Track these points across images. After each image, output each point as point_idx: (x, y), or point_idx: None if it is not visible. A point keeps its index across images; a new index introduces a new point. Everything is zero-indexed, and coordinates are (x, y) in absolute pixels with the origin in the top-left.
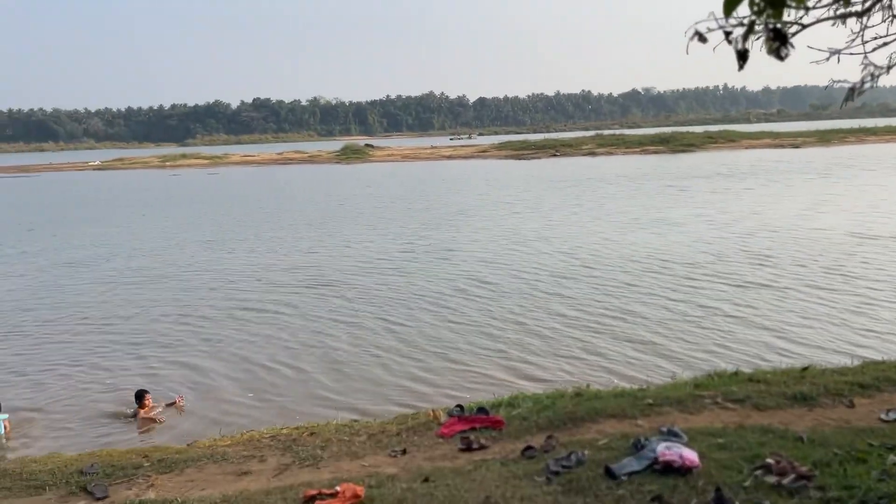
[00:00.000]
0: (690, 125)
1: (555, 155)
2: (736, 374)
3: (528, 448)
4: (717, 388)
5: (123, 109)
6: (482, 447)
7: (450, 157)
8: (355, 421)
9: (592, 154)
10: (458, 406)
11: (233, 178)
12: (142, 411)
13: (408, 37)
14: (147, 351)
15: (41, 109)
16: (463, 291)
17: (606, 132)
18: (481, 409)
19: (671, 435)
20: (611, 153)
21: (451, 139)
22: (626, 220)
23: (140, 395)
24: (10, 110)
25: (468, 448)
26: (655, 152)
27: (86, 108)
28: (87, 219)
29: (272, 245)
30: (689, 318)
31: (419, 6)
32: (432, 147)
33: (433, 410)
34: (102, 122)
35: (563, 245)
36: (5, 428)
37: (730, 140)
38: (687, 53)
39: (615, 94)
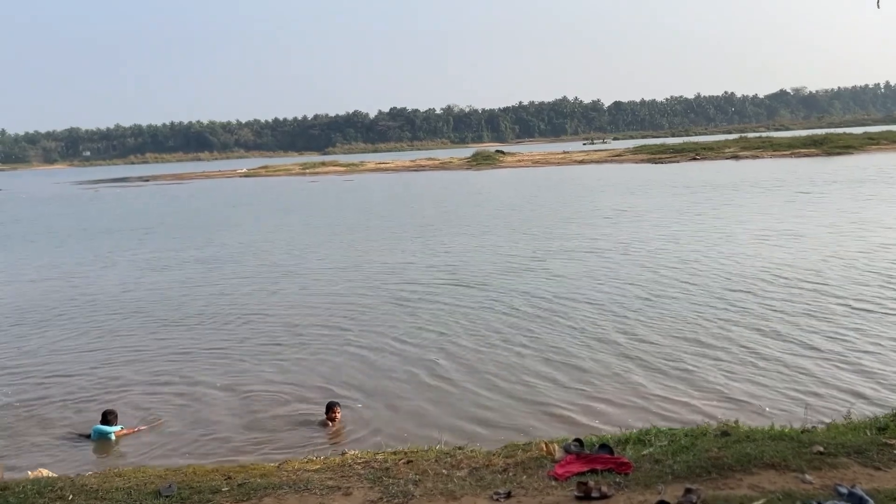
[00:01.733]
0: (847, 127)
1: (695, 158)
2: None
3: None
4: None
5: (270, 121)
6: (603, 496)
7: (581, 162)
8: (459, 449)
9: (736, 157)
10: (577, 440)
11: (366, 184)
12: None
13: (540, 42)
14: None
15: (198, 122)
16: (580, 303)
17: (751, 135)
18: (604, 447)
19: (853, 499)
20: (756, 156)
21: (584, 144)
22: (755, 231)
23: (330, 407)
24: (172, 123)
25: (586, 496)
26: (807, 155)
27: (237, 120)
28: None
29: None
30: (847, 340)
31: (551, 11)
32: (564, 152)
33: (546, 444)
34: (252, 133)
35: (706, 260)
36: (116, 437)
37: (894, 141)
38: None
39: (761, 96)
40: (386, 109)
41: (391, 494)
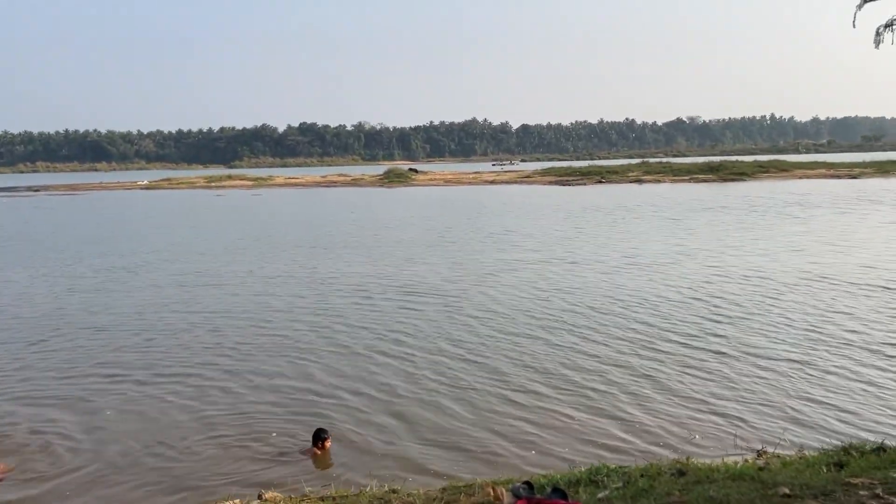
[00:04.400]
0: (738, 155)
1: (601, 181)
2: (882, 450)
3: None
4: (871, 474)
5: (174, 132)
6: None
7: (493, 182)
8: (393, 492)
9: (639, 181)
10: (526, 483)
11: (272, 199)
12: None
13: (450, 64)
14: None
15: (96, 131)
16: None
17: (652, 160)
18: (556, 490)
19: None
20: (658, 181)
21: (493, 165)
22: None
23: (319, 435)
24: (67, 131)
25: None
26: (705, 181)
27: (138, 130)
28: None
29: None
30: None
31: (462, 35)
32: (475, 172)
33: (493, 487)
34: (154, 144)
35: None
36: None
37: (782, 170)
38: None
39: (659, 123)
40: (295, 124)
41: None
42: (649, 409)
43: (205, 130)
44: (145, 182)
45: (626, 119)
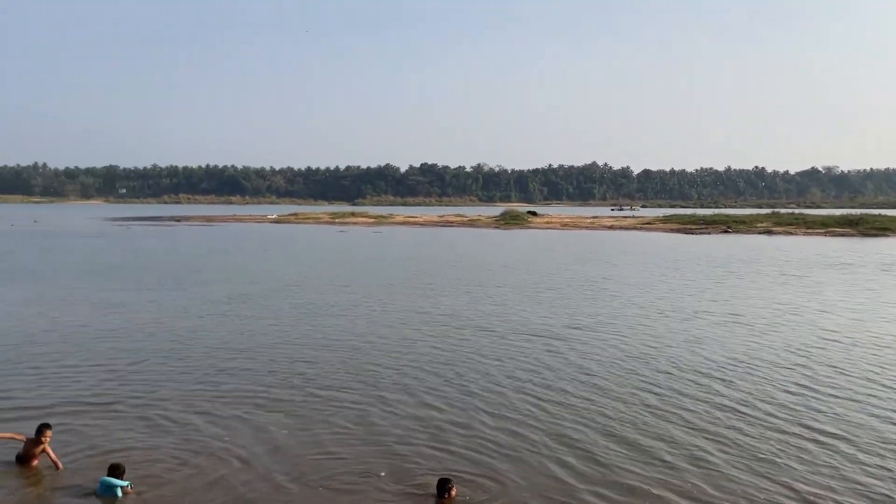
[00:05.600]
0: (880, 208)
1: (726, 231)
2: None
3: None
4: None
5: (303, 169)
6: None
7: (611, 228)
8: None
9: (769, 233)
10: None
11: (393, 238)
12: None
13: (572, 108)
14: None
15: (233, 166)
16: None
17: (784, 210)
18: None
19: None
20: (789, 233)
21: (612, 209)
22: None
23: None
24: (207, 166)
25: None
26: (842, 235)
27: (271, 167)
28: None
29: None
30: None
31: (583, 78)
32: (593, 217)
33: None
34: (284, 180)
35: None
36: (124, 492)
37: None
38: None
39: (792, 172)
40: (417, 164)
41: None
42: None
43: (332, 168)
44: (274, 216)
45: (756, 167)
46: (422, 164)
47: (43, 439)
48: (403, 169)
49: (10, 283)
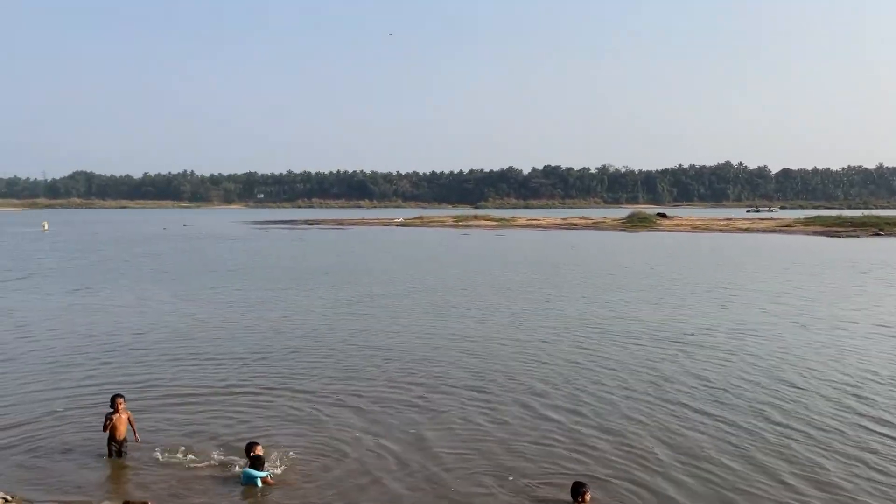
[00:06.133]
0: None
1: (878, 234)
2: None
3: None
4: None
5: (428, 173)
6: None
7: (747, 230)
8: None
9: None
10: None
11: (518, 239)
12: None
13: (703, 104)
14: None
15: (362, 171)
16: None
17: None
18: None
19: None
20: None
21: (748, 211)
22: None
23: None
24: (338, 171)
25: None
26: None
27: (397, 171)
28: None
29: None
30: None
31: (716, 72)
32: (727, 219)
33: None
34: (410, 184)
35: None
36: (265, 482)
37: None
38: None
39: None
40: (539, 167)
41: None
42: None
43: (455, 172)
44: (401, 219)
45: None
46: (545, 167)
47: (119, 407)
48: (526, 171)
49: (159, 283)
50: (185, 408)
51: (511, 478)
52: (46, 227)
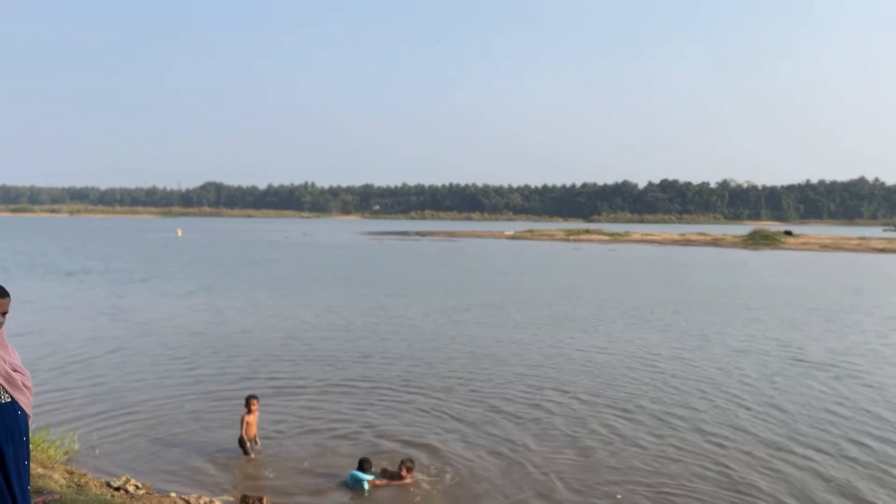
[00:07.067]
0: None
1: None
2: None
3: None
4: None
5: (539, 186)
6: None
7: (882, 251)
8: None
9: None
10: None
11: (633, 255)
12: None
13: (833, 117)
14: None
15: (474, 184)
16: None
17: None
18: None
19: None
20: None
21: (884, 230)
22: None
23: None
24: (451, 184)
25: None
26: None
27: (509, 185)
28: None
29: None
30: None
31: (852, 83)
32: (861, 238)
33: None
34: (521, 198)
35: None
36: (371, 485)
37: None
38: None
39: None
40: (656, 181)
41: None
42: None
43: (567, 186)
44: (511, 232)
45: None
46: (662, 181)
47: (253, 408)
48: (642, 185)
49: (266, 288)
50: (323, 399)
51: (618, 496)
52: (180, 234)
